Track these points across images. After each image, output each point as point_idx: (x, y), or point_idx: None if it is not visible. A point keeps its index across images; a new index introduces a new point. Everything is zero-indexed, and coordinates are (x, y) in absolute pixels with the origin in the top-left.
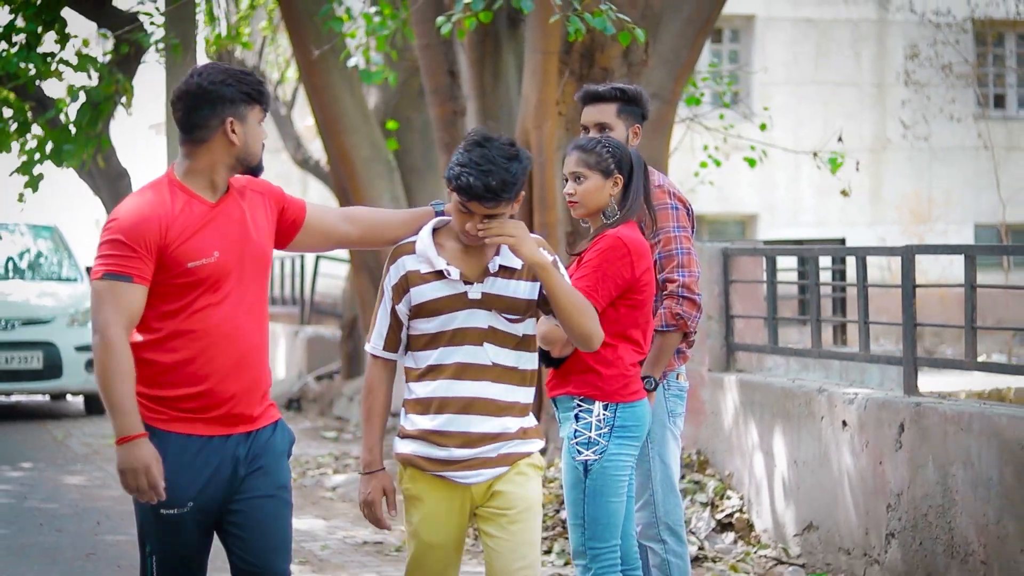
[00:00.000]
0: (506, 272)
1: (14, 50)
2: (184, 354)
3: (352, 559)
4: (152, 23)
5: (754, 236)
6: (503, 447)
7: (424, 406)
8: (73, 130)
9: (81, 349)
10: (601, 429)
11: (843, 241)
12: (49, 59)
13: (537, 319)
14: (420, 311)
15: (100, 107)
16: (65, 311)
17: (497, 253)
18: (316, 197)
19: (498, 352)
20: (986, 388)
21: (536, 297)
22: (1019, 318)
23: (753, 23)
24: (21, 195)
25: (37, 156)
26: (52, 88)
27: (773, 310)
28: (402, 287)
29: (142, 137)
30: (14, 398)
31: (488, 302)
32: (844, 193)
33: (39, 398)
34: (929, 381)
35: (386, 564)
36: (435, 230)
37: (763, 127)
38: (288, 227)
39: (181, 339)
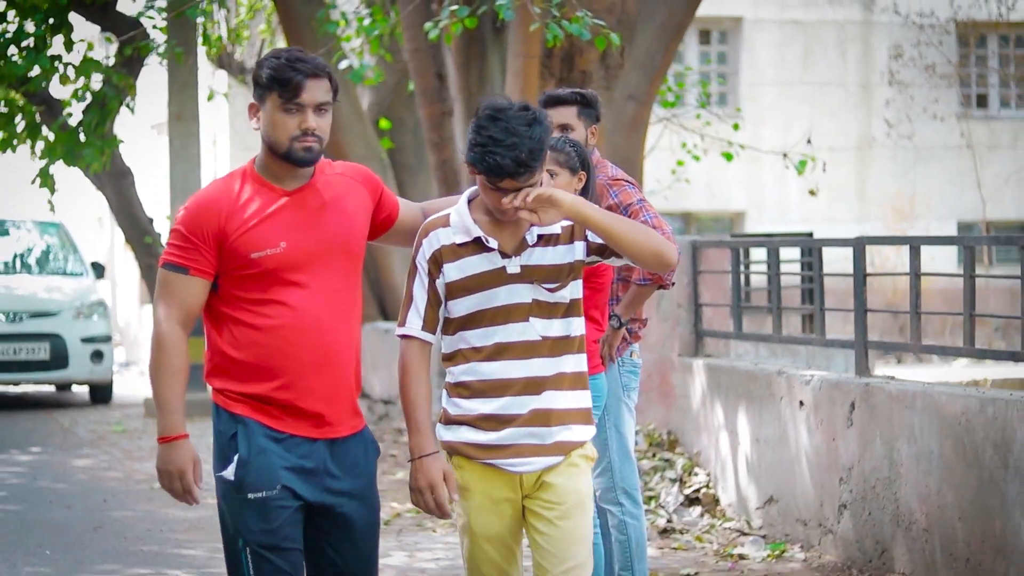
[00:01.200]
0: (545, 240)
1: (23, 54)
2: (258, 349)
3: None
4: (155, 27)
5: (741, 232)
6: (558, 432)
7: (470, 390)
8: (83, 136)
9: (87, 341)
10: None
11: (810, 235)
12: (56, 62)
13: (582, 278)
14: (455, 289)
15: (107, 107)
16: (71, 304)
17: (532, 223)
18: None
19: (547, 324)
20: (963, 379)
21: (575, 259)
22: (1001, 310)
23: (741, 25)
24: (51, 204)
25: (49, 160)
26: (59, 90)
27: (738, 299)
28: (436, 261)
29: (144, 137)
30: (22, 388)
31: (528, 274)
32: (812, 193)
33: (45, 388)
34: (918, 373)
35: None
36: (469, 201)
37: (736, 127)
38: (381, 222)
39: (254, 333)
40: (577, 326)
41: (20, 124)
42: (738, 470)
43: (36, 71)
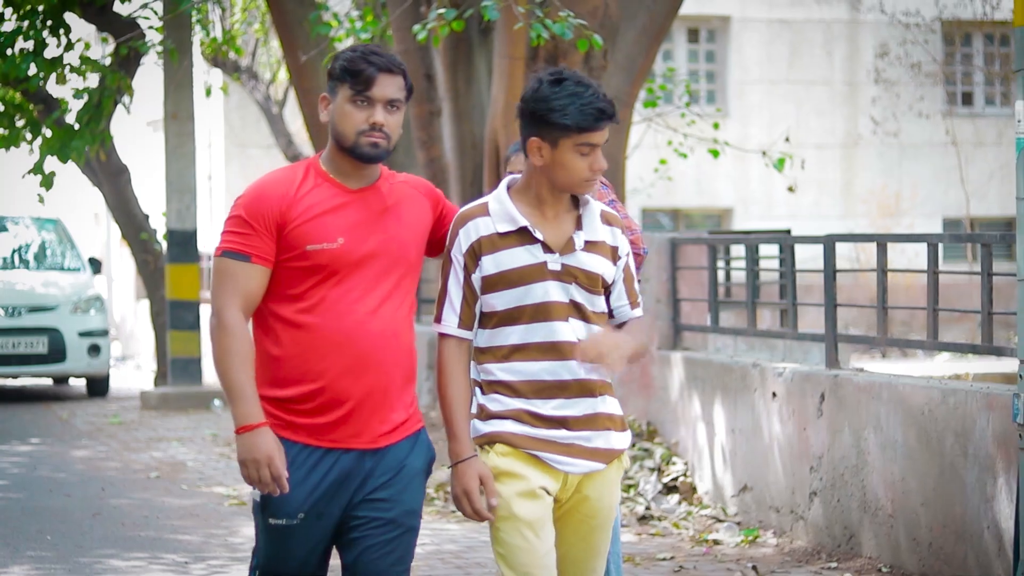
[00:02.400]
0: (590, 246)
1: (22, 55)
2: (296, 346)
3: None
4: (151, 27)
5: (728, 229)
6: (601, 437)
7: (512, 389)
8: (77, 127)
9: (84, 335)
10: None
11: (788, 232)
12: (55, 62)
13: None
14: (493, 282)
15: (102, 105)
16: (68, 299)
17: (579, 227)
18: None
19: (582, 328)
20: (946, 374)
21: (612, 280)
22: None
23: (729, 24)
24: (41, 197)
25: (45, 155)
26: (56, 88)
27: (715, 294)
28: (474, 253)
29: (140, 134)
30: (20, 381)
31: (568, 273)
32: (791, 189)
33: (43, 381)
34: (900, 367)
35: None
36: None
37: (716, 126)
38: (441, 239)
39: (294, 330)
40: None
41: (20, 122)
42: (714, 459)
43: (33, 70)
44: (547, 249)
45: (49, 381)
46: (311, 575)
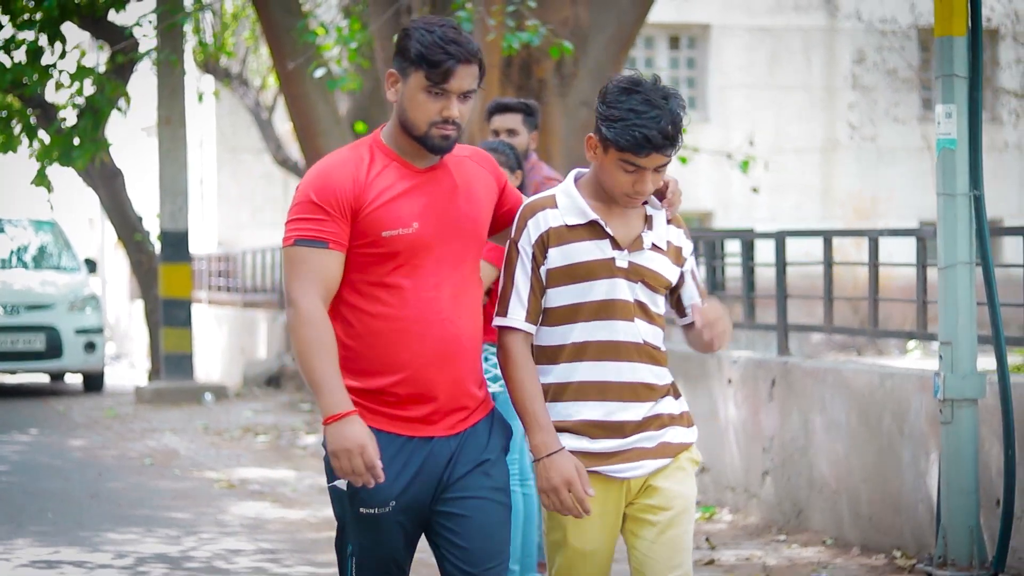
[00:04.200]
0: (657, 247)
1: (17, 64)
2: (376, 339)
3: (316, 499)
4: (144, 35)
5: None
6: (663, 435)
7: (572, 392)
8: (77, 139)
9: (80, 332)
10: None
11: (751, 230)
12: (51, 69)
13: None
14: (558, 276)
15: (100, 113)
16: (65, 298)
17: (649, 226)
18: None
19: (647, 329)
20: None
21: (676, 281)
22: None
23: (709, 31)
24: (50, 203)
25: (45, 162)
26: (53, 94)
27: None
28: (543, 245)
29: (135, 139)
30: (18, 378)
31: (634, 272)
32: (755, 190)
33: (41, 378)
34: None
35: None
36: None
37: (683, 131)
38: (503, 215)
39: (373, 321)
40: (663, 338)
41: (17, 127)
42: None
43: (33, 78)
44: (616, 245)
45: (46, 378)
46: (402, 559)
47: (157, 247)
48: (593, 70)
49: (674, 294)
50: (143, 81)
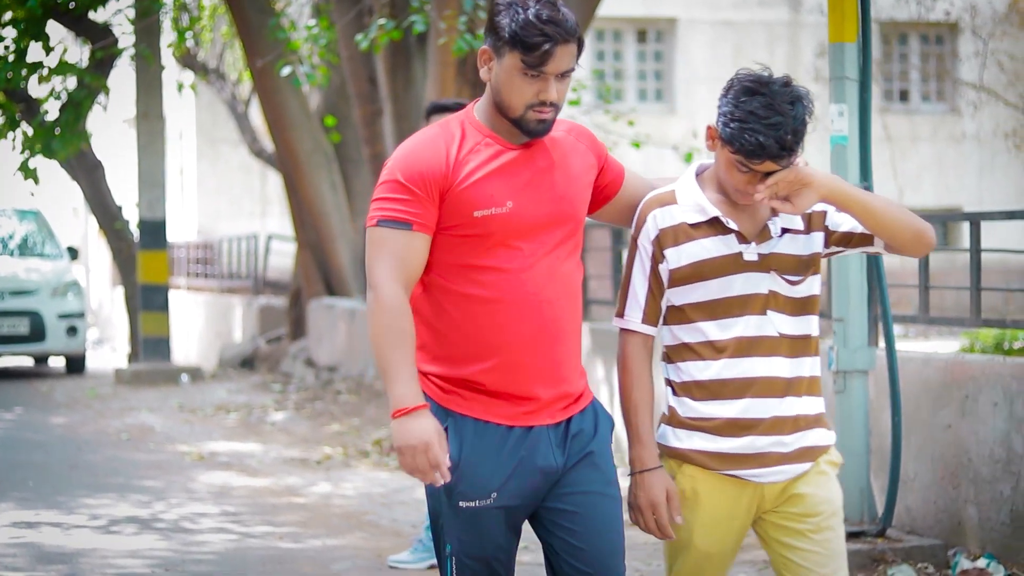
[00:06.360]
0: (788, 231)
1: (2, 61)
2: (470, 324)
3: (280, 469)
4: (124, 32)
5: None
6: (802, 438)
7: (705, 390)
8: (58, 130)
9: (63, 317)
10: None
11: None
12: (35, 65)
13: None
14: (684, 275)
15: (81, 106)
16: (49, 284)
17: (775, 212)
18: (275, 187)
19: (784, 320)
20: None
21: (813, 251)
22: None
23: (675, 25)
24: (32, 193)
25: (29, 153)
26: (36, 89)
27: (618, 272)
28: (661, 243)
29: (115, 131)
30: (3, 361)
31: (767, 263)
32: None
33: (25, 361)
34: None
35: (307, 471)
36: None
37: (631, 123)
38: (604, 189)
39: (467, 305)
40: (814, 326)
41: (0, 119)
42: (615, 420)
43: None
44: (742, 239)
45: (30, 361)
46: (506, 558)
47: (136, 235)
48: None
49: (852, 240)
50: (123, 75)
